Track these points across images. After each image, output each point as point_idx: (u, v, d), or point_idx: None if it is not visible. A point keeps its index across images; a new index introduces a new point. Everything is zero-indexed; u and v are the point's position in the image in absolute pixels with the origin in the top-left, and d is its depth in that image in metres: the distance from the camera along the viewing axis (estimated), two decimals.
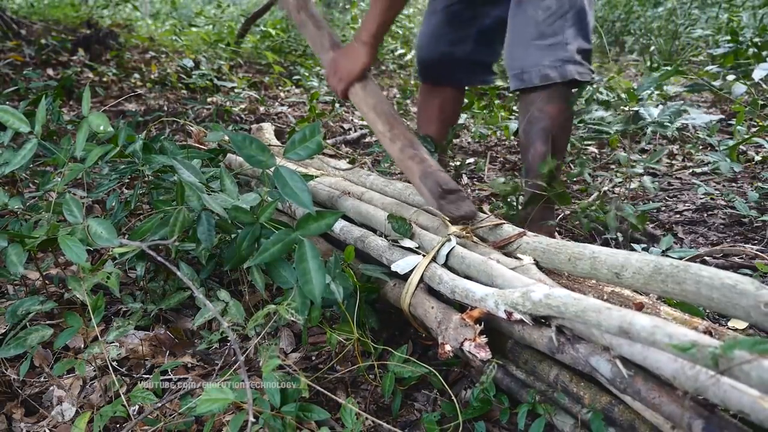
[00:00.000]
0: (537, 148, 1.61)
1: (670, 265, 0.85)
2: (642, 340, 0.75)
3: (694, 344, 0.68)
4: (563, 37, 1.54)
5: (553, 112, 1.60)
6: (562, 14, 1.54)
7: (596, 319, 0.81)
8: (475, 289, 1.03)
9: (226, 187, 1.27)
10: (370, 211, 1.39)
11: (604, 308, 0.81)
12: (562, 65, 1.55)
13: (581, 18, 1.56)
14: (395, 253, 1.23)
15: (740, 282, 0.75)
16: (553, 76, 1.55)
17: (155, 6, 9.29)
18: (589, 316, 0.83)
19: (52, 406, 1.17)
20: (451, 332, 1.03)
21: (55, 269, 1.55)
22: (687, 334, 0.70)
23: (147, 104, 3.58)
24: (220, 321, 0.85)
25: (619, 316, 0.78)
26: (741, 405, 0.65)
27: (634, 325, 0.75)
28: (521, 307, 0.93)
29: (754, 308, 0.72)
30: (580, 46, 1.58)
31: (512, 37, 1.61)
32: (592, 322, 0.82)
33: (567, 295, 0.88)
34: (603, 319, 0.80)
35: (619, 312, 0.79)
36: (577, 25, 1.56)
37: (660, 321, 0.74)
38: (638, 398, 0.82)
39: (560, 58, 1.55)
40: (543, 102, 1.57)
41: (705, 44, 5.22)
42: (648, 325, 0.74)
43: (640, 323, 0.75)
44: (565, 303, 0.87)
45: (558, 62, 1.55)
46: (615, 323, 0.78)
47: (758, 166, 2.61)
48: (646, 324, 0.74)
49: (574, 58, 1.56)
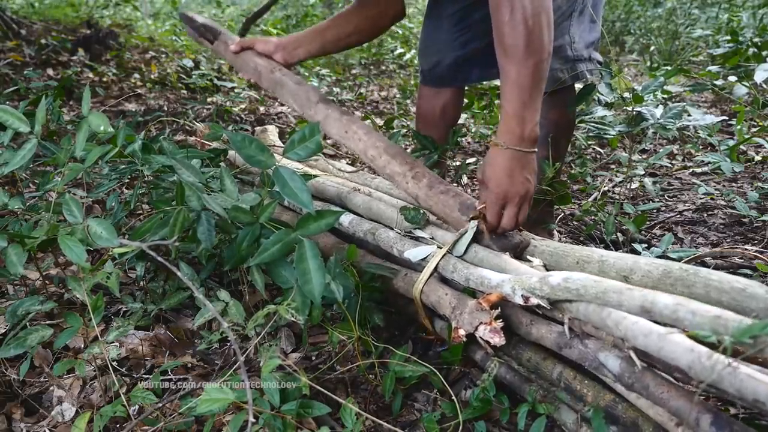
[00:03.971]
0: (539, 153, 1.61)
1: (679, 269, 0.85)
2: (665, 318, 0.75)
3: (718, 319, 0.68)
4: (569, 36, 1.53)
5: (555, 117, 1.60)
6: (568, 14, 1.52)
7: (617, 300, 0.81)
8: (490, 276, 1.03)
9: (226, 187, 1.27)
10: (381, 207, 1.37)
11: (625, 289, 0.81)
12: (573, 65, 1.54)
13: (584, 10, 1.54)
14: (406, 244, 1.23)
15: (750, 286, 0.75)
16: (564, 78, 1.55)
17: (155, 6, 9.29)
18: (609, 296, 0.82)
19: (52, 406, 1.17)
20: (467, 317, 1.02)
21: (55, 269, 1.55)
22: (710, 311, 0.70)
23: (147, 104, 3.58)
24: (220, 321, 0.85)
25: (641, 296, 0.78)
26: (757, 394, 0.65)
27: (657, 304, 0.75)
28: (539, 292, 0.93)
29: (763, 311, 0.72)
30: (587, 40, 1.56)
31: None
32: (612, 302, 0.82)
33: (586, 277, 0.88)
34: (624, 299, 0.80)
35: (640, 292, 0.79)
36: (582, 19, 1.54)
37: (683, 299, 0.74)
38: (646, 393, 0.82)
39: (570, 59, 1.54)
40: (546, 107, 1.55)
41: (705, 44, 5.22)
42: (671, 303, 0.74)
43: (663, 301, 0.75)
44: (585, 285, 0.87)
45: (568, 63, 1.54)
46: (637, 303, 0.78)
47: (758, 166, 2.61)
48: (669, 302, 0.74)
49: (583, 54, 1.55)
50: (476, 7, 1.62)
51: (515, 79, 1.09)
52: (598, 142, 2.96)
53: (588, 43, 1.57)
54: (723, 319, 0.68)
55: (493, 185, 1.13)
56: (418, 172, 1.27)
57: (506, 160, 1.12)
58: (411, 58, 5.45)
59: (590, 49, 1.58)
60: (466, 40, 1.65)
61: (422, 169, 1.28)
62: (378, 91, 4.61)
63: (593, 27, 1.58)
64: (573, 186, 2.40)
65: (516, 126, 1.11)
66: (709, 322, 0.71)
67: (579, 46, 1.54)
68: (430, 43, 1.71)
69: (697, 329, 0.72)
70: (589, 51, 1.57)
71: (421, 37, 1.77)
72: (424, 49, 1.74)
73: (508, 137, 1.12)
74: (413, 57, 5.45)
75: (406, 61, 5.54)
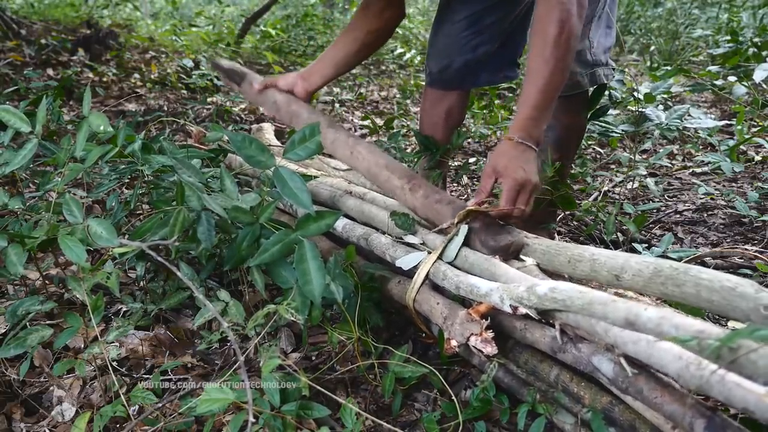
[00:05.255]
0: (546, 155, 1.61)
1: (669, 268, 0.85)
2: (648, 331, 0.74)
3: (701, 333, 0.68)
4: (588, 41, 1.54)
5: (568, 121, 1.60)
6: (590, 19, 1.51)
7: (602, 312, 0.81)
8: (479, 284, 1.03)
9: (226, 187, 1.27)
10: (372, 210, 1.38)
11: (610, 300, 0.81)
12: (593, 70, 1.55)
13: (605, 16, 1.55)
14: (399, 250, 1.23)
15: (740, 284, 0.74)
16: (584, 83, 1.55)
17: (155, 6, 9.29)
18: (595, 308, 0.82)
19: (52, 406, 1.17)
20: (458, 327, 1.02)
21: (55, 269, 1.55)
22: (694, 325, 0.70)
23: (147, 104, 3.58)
24: (220, 321, 0.85)
25: (625, 308, 0.78)
26: (746, 402, 0.65)
27: (641, 317, 0.75)
28: (527, 301, 0.93)
29: (753, 311, 0.72)
30: (605, 45, 1.57)
31: None
32: (598, 314, 0.82)
33: (572, 288, 0.88)
34: (609, 311, 0.80)
35: (625, 304, 0.79)
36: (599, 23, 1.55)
37: (667, 312, 0.73)
38: (640, 398, 0.82)
39: (590, 63, 1.54)
40: (559, 111, 1.53)
41: (705, 44, 5.22)
42: (654, 317, 0.73)
43: (647, 315, 0.74)
44: (571, 296, 0.87)
45: (588, 68, 1.55)
46: (621, 315, 0.78)
47: (758, 166, 2.61)
48: (653, 315, 0.74)
49: (601, 59, 1.56)
50: (489, 11, 1.62)
51: (542, 87, 1.20)
52: (598, 142, 2.96)
53: (605, 48, 1.57)
54: (706, 333, 0.68)
55: (511, 172, 1.19)
56: (415, 183, 1.30)
57: (520, 152, 1.21)
58: (411, 58, 5.45)
59: (607, 54, 1.58)
60: (477, 43, 1.66)
61: (419, 181, 1.31)
62: (378, 91, 4.61)
63: (609, 32, 1.58)
64: (573, 186, 2.40)
65: (531, 125, 1.22)
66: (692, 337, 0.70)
67: (597, 50, 1.55)
68: (441, 46, 1.71)
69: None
70: (606, 56, 1.58)
71: (430, 40, 1.77)
72: (434, 51, 1.74)
73: (521, 133, 1.22)
74: (413, 57, 5.45)
75: (406, 61, 5.54)
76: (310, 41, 5.84)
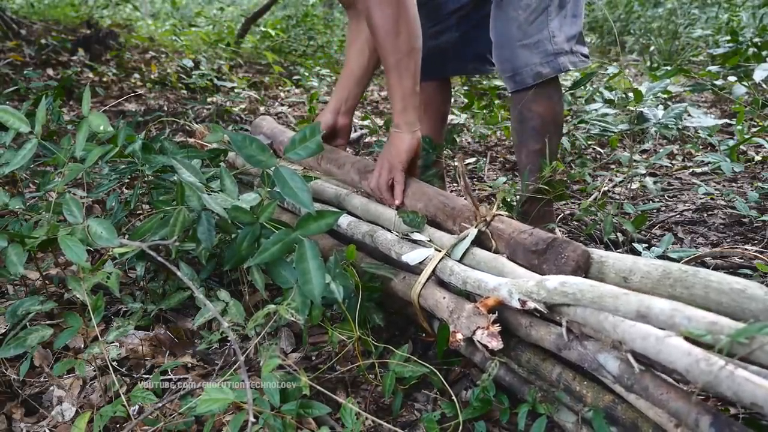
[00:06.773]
0: (530, 147, 1.61)
1: (678, 270, 0.85)
2: (661, 323, 0.74)
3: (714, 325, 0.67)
4: (548, 32, 1.54)
5: (541, 110, 1.60)
6: (543, 9, 1.53)
7: (613, 305, 0.81)
8: (487, 279, 1.03)
9: (226, 187, 1.26)
10: (379, 208, 1.38)
11: (621, 293, 0.81)
12: (554, 59, 1.55)
13: (563, 4, 1.56)
14: (405, 246, 1.23)
15: (749, 287, 0.75)
16: (546, 73, 1.55)
17: (155, 6, 9.29)
18: (606, 301, 0.82)
19: (52, 406, 1.17)
20: (464, 321, 1.02)
21: (55, 269, 1.55)
22: (706, 317, 0.70)
23: (147, 104, 3.58)
24: (220, 321, 0.85)
25: (637, 301, 0.78)
26: (755, 398, 0.65)
27: (653, 309, 0.75)
28: (536, 296, 0.93)
29: (763, 312, 0.72)
30: (568, 33, 1.57)
31: (498, 40, 1.60)
32: (609, 307, 0.81)
33: (583, 282, 0.88)
34: (621, 304, 0.80)
35: (637, 297, 0.78)
36: (562, 14, 1.56)
37: (679, 305, 0.73)
38: (645, 395, 0.82)
39: (550, 53, 1.55)
40: (530, 101, 1.57)
41: (705, 44, 5.22)
42: (667, 308, 0.73)
43: (659, 306, 0.74)
44: (582, 290, 0.86)
45: (549, 57, 1.55)
46: (633, 308, 0.78)
47: (758, 166, 2.61)
48: (665, 307, 0.74)
49: (564, 48, 1.56)
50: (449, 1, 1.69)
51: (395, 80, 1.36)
52: (598, 142, 2.96)
53: (569, 37, 1.57)
54: (719, 325, 0.68)
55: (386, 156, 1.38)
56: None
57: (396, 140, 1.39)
58: None
59: (572, 42, 1.58)
60: (437, 31, 1.72)
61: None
62: (378, 91, 4.61)
63: (575, 21, 1.59)
64: (573, 186, 2.40)
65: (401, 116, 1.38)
66: (705, 329, 0.70)
67: (559, 39, 1.55)
68: None
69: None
70: (570, 44, 1.58)
71: None
72: None
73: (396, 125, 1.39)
74: None
75: None
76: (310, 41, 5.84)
